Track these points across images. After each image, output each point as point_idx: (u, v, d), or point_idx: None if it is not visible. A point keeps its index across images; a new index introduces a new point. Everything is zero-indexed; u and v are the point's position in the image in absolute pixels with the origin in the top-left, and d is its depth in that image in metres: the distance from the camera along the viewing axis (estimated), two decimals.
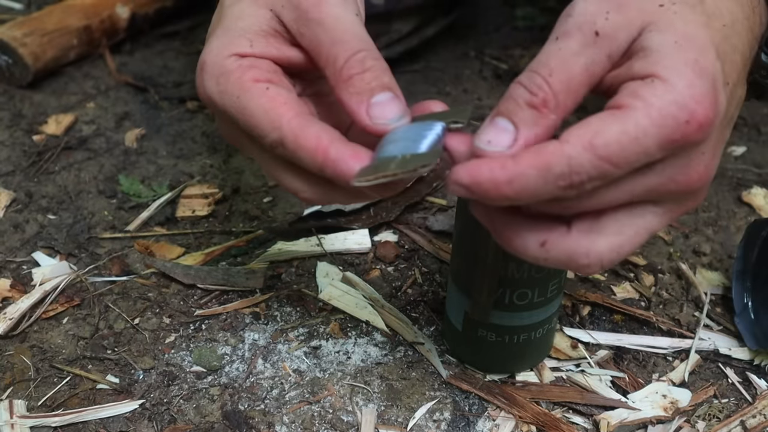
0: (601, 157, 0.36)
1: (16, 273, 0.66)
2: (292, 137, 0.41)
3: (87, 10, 0.92)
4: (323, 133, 0.41)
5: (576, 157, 0.36)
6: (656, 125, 0.36)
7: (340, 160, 0.40)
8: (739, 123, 0.87)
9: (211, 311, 0.63)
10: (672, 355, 0.61)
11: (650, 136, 0.36)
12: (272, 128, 0.41)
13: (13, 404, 0.55)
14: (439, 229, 0.71)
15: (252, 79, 0.42)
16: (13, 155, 0.78)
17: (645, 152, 0.37)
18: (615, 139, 0.36)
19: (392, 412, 0.56)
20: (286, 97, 0.42)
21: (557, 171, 0.36)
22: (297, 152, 0.41)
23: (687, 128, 0.36)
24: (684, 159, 0.38)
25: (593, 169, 0.36)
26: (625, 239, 0.40)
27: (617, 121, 0.36)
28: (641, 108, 0.36)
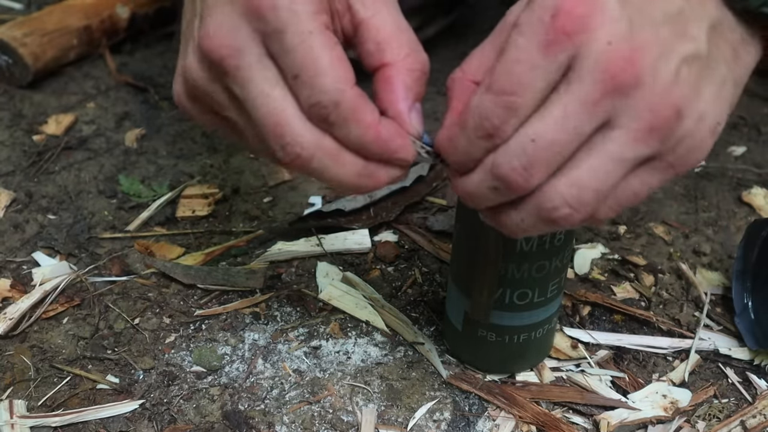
0: (497, 91, 0.37)
1: (16, 273, 0.66)
2: (351, 106, 0.40)
3: (87, 10, 0.92)
4: (375, 111, 0.41)
5: (479, 104, 0.38)
6: (529, 38, 0.36)
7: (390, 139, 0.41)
8: (740, 123, 0.87)
9: (211, 311, 0.63)
10: (672, 355, 0.61)
11: (529, 50, 0.36)
12: (335, 88, 0.40)
13: (13, 404, 0.55)
14: (439, 229, 0.71)
15: (325, 24, 0.41)
16: (13, 155, 0.78)
17: (533, 67, 0.36)
18: (502, 70, 0.37)
19: (392, 412, 0.56)
20: (349, 64, 0.41)
21: (472, 124, 0.38)
22: (349, 121, 0.40)
23: (556, 22, 0.36)
24: (588, 57, 0.36)
25: (496, 106, 0.37)
26: (582, 171, 0.38)
27: (502, 56, 0.37)
28: (515, 31, 0.37)
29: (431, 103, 0.87)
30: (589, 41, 0.36)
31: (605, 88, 0.36)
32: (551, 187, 0.39)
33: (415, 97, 0.42)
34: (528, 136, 0.37)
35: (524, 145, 0.37)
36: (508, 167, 0.38)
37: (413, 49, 0.42)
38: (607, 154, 0.38)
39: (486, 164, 0.39)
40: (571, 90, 0.37)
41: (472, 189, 0.41)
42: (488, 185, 0.40)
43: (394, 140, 0.41)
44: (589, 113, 0.37)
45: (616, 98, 0.37)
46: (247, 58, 0.41)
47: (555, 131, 0.37)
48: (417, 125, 0.42)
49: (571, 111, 0.37)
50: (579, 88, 0.36)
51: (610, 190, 0.39)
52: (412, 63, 0.42)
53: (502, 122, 0.37)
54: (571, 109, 0.37)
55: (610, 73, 0.36)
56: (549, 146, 0.37)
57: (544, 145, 0.37)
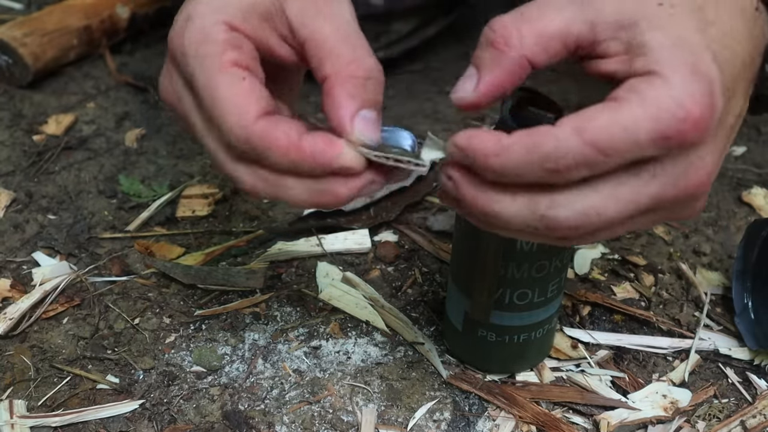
0: (588, 141, 0.36)
1: (16, 273, 0.66)
2: (261, 136, 0.40)
3: (87, 10, 0.92)
4: (291, 130, 0.41)
5: (564, 139, 0.37)
6: (649, 118, 0.36)
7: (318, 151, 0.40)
8: None
9: (211, 311, 0.63)
10: (672, 355, 0.61)
11: (642, 129, 0.36)
12: (238, 125, 0.40)
13: (13, 404, 0.55)
14: (439, 229, 0.71)
15: (232, 61, 0.41)
16: (13, 155, 0.78)
17: (635, 143, 0.36)
18: (605, 126, 0.36)
19: (392, 412, 0.56)
20: (259, 93, 0.41)
21: (544, 151, 0.37)
22: (265, 151, 0.40)
23: (682, 126, 0.36)
24: (684, 163, 0.38)
25: (580, 154, 0.37)
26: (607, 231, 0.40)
27: (610, 111, 0.37)
28: (636, 100, 0.36)
29: (431, 103, 0.87)
30: (691, 150, 0.38)
31: (678, 195, 0.39)
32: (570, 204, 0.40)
33: (360, 104, 0.41)
34: (596, 208, 0.38)
35: (588, 213, 0.38)
36: (564, 223, 0.38)
37: (357, 57, 0.42)
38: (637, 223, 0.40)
39: (538, 206, 0.39)
40: (654, 183, 0.38)
41: (506, 216, 0.39)
42: (528, 223, 0.39)
43: (323, 152, 0.40)
44: (651, 206, 0.39)
45: (677, 204, 0.40)
46: (185, 104, 0.43)
47: (618, 213, 0.38)
48: (363, 131, 0.41)
49: (641, 202, 0.38)
50: (659, 185, 0.38)
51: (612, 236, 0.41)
52: (354, 70, 0.41)
53: (576, 170, 0.37)
54: (642, 201, 0.38)
55: (690, 185, 0.39)
56: (606, 222, 0.39)
57: (604, 220, 0.38)
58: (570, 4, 0.39)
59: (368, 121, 0.42)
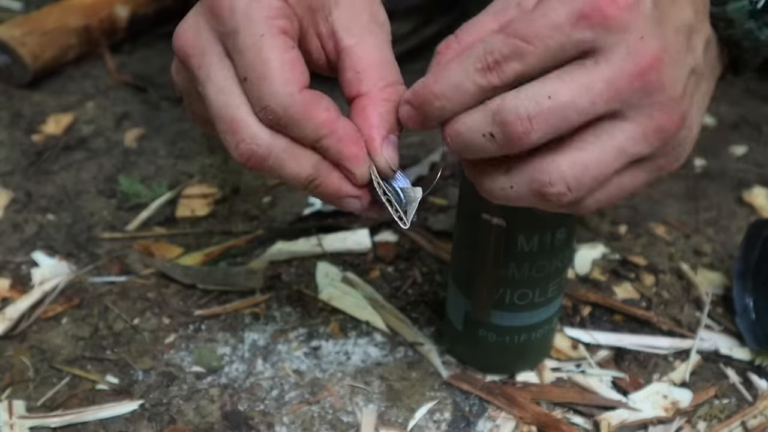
0: (510, 33, 0.37)
1: (15, 273, 0.66)
2: (301, 108, 0.40)
3: (86, 9, 0.91)
4: (331, 109, 0.41)
5: (488, 40, 0.37)
6: (564, 2, 0.36)
7: (346, 137, 0.41)
8: (740, 123, 0.86)
9: (211, 311, 0.63)
10: (673, 356, 0.61)
11: (558, 12, 0.36)
12: (282, 92, 0.40)
13: (12, 405, 0.55)
14: (439, 229, 0.71)
15: (282, 28, 0.41)
16: (13, 155, 0.78)
17: (556, 26, 0.37)
18: (524, 19, 0.37)
19: (392, 413, 0.56)
20: (304, 66, 0.41)
21: (473, 56, 0.38)
22: (300, 122, 0.40)
23: (597, 2, 0.36)
24: (622, 46, 0.37)
25: (504, 45, 0.37)
26: (588, 154, 0.38)
27: (529, 11, 0.38)
28: None
29: None
30: (623, 30, 0.37)
31: (631, 79, 0.37)
32: (553, 161, 0.39)
33: (389, 128, 0.42)
34: (545, 93, 0.37)
35: (538, 98, 0.37)
36: (514, 113, 0.38)
37: (393, 81, 0.43)
38: (614, 143, 0.38)
39: (488, 107, 0.38)
40: (600, 69, 0.37)
41: (465, 131, 0.39)
42: (485, 130, 0.39)
43: (349, 142, 0.41)
44: (610, 95, 0.37)
45: (637, 92, 0.38)
46: (207, 57, 0.42)
47: (574, 96, 0.37)
48: (388, 155, 0.42)
49: (595, 87, 0.37)
50: (608, 69, 0.37)
51: (606, 179, 0.39)
52: (389, 94, 0.42)
53: (505, 60, 0.37)
54: (596, 85, 0.37)
55: (640, 67, 0.37)
56: (563, 108, 0.37)
57: (559, 105, 0.37)
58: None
59: (393, 145, 0.43)
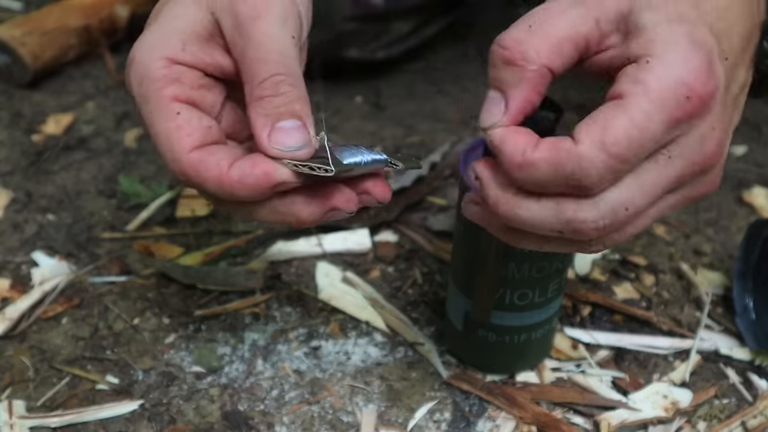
0: (613, 156, 0.36)
1: (15, 273, 0.66)
2: (191, 170, 0.40)
3: (86, 9, 0.91)
4: (224, 160, 0.40)
5: (588, 157, 0.36)
6: (659, 108, 0.36)
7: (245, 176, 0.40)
8: (740, 123, 0.86)
9: (211, 311, 0.63)
10: (673, 356, 0.61)
11: (655, 121, 0.36)
12: (172, 159, 0.41)
13: (12, 405, 0.55)
14: (439, 229, 0.71)
15: (170, 96, 0.42)
16: (13, 155, 0.78)
17: (653, 138, 0.37)
18: (624, 133, 0.36)
19: (392, 413, 0.56)
20: (196, 125, 0.41)
21: (568, 170, 0.37)
22: (200, 184, 0.41)
23: (688, 104, 0.36)
24: (696, 137, 0.38)
25: (605, 169, 0.37)
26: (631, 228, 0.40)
27: (622, 112, 0.36)
28: (641, 93, 0.36)
29: (431, 103, 0.87)
30: (700, 123, 0.38)
31: (695, 170, 0.39)
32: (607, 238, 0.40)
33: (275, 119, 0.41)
34: (622, 203, 0.38)
35: (617, 211, 0.38)
36: (592, 225, 0.38)
37: (270, 74, 0.41)
38: (657, 214, 0.40)
39: (563, 211, 0.38)
40: (672, 165, 0.38)
41: (529, 223, 0.39)
42: (554, 228, 0.39)
43: (250, 175, 0.40)
44: (674, 186, 0.39)
45: (697, 176, 0.39)
46: None
47: (647, 202, 0.38)
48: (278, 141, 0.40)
49: (665, 185, 0.38)
50: (677, 165, 0.38)
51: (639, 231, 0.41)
52: (262, 90, 0.41)
53: (601, 185, 0.37)
54: (665, 183, 0.38)
55: (705, 157, 0.39)
56: (637, 213, 0.39)
57: (634, 212, 0.38)
58: (573, 6, 0.38)
59: (285, 130, 0.41)
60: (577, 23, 0.38)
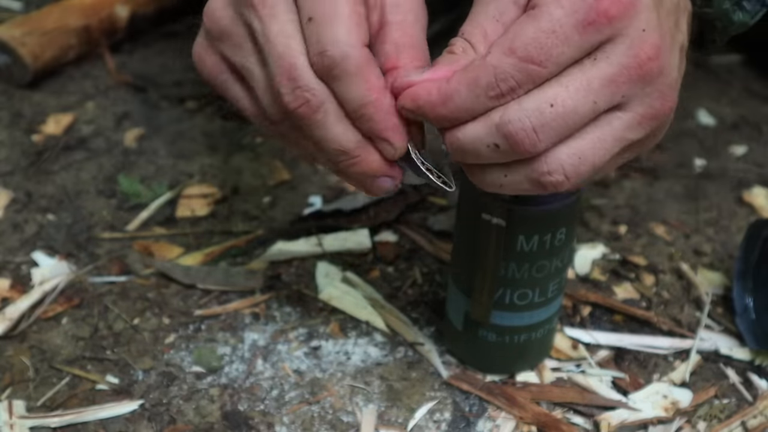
0: (522, 58, 0.37)
1: (15, 273, 0.66)
2: (359, 63, 0.39)
3: (86, 9, 0.91)
4: (381, 77, 0.41)
5: (498, 65, 0.37)
6: (569, 13, 0.37)
7: (389, 111, 0.40)
8: (740, 123, 0.86)
9: (211, 311, 0.63)
10: (673, 356, 0.61)
11: (566, 25, 0.37)
12: (346, 41, 0.39)
13: (12, 405, 0.55)
14: (439, 229, 0.71)
15: None
16: (12, 155, 0.78)
17: (566, 42, 0.37)
18: (532, 38, 0.37)
19: (392, 413, 0.56)
20: (368, 27, 0.41)
21: (484, 82, 0.37)
22: (353, 78, 0.40)
23: (600, 4, 0.36)
24: (624, 42, 0.38)
25: (517, 72, 0.37)
26: (586, 143, 0.39)
27: (532, 21, 0.37)
28: (552, 2, 0.37)
29: None
30: (626, 27, 0.37)
31: (631, 73, 0.38)
32: (552, 153, 0.39)
33: None
34: (547, 100, 0.38)
35: (541, 108, 0.38)
36: (519, 126, 0.38)
37: (426, 64, 0.42)
38: (613, 132, 0.39)
39: (491, 119, 0.38)
40: (599, 66, 0.38)
41: (467, 143, 0.40)
42: (489, 141, 0.39)
43: (391, 115, 0.40)
44: (611, 92, 0.38)
45: (637, 84, 0.38)
46: (265, 7, 0.41)
47: (575, 100, 0.38)
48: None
49: (595, 86, 0.38)
50: (607, 66, 0.38)
51: (602, 166, 0.40)
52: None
53: (520, 86, 0.38)
54: (595, 85, 0.38)
55: (640, 60, 0.38)
56: (565, 113, 0.38)
57: (561, 112, 0.38)
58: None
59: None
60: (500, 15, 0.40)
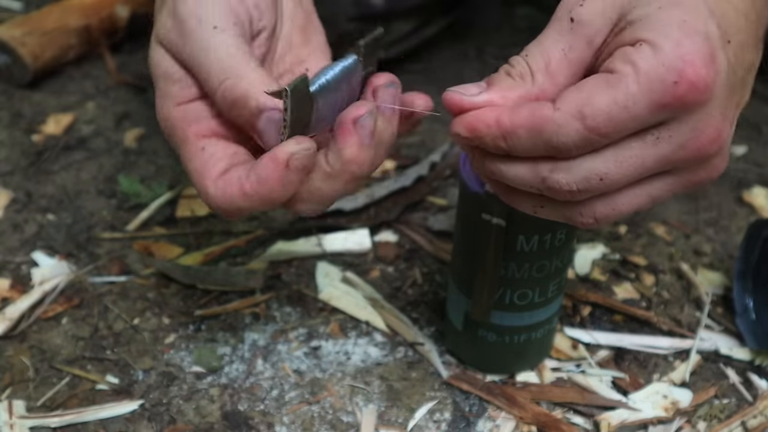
0: (590, 128, 0.37)
1: (15, 273, 0.66)
2: (216, 198, 0.42)
3: (86, 9, 0.91)
4: (243, 171, 0.42)
5: (564, 125, 0.37)
6: (645, 91, 0.36)
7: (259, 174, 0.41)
8: (740, 122, 0.86)
9: (211, 311, 0.63)
10: (673, 356, 0.61)
11: (639, 103, 0.36)
12: (201, 193, 0.43)
13: (12, 405, 0.55)
14: (439, 229, 0.71)
15: (194, 133, 0.44)
16: (13, 155, 0.78)
17: (635, 119, 0.37)
18: (605, 110, 0.37)
19: (392, 413, 0.56)
20: (218, 158, 0.43)
21: (545, 137, 0.38)
22: (233, 204, 0.42)
23: (677, 89, 0.36)
24: (690, 123, 0.38)
25: (580, 139, 0.37)
26: (622, 198, 0.40)
27: (608, 89, 0.37)
28: (630, 74, 0.37)
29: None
30: (696, 110, 0.37)
31: (688, 154, 0.38)
32: (588, 203, 0.40)
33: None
34: (598, 173, 0.38)
35: (590, 178, 0.38)
36: (566, 187, 0.39)
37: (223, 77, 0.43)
38: (651, 192, 0.40)
39: (539, 170, 0.39)
40: (658, 147, 0.38)
41: (508, 177, 0.40)
42: (531, 185, 0.40)
43: (262, 169, 0.41)
44: (662, 166, 0.39)
45: (691, 162, 0.39)
46: None
47: (626, 176, 0.39)
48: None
49: (649, 164, 0.38)
50: (667, 146, 0.38)
51: (632, 213, 0.41)
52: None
53: (577, 152, 0.38)
54: (650, 163, 0.38)
55: (700, 143, 0.38)
56: (611, 185, 0.39)
57: (608, 184, 0.39)
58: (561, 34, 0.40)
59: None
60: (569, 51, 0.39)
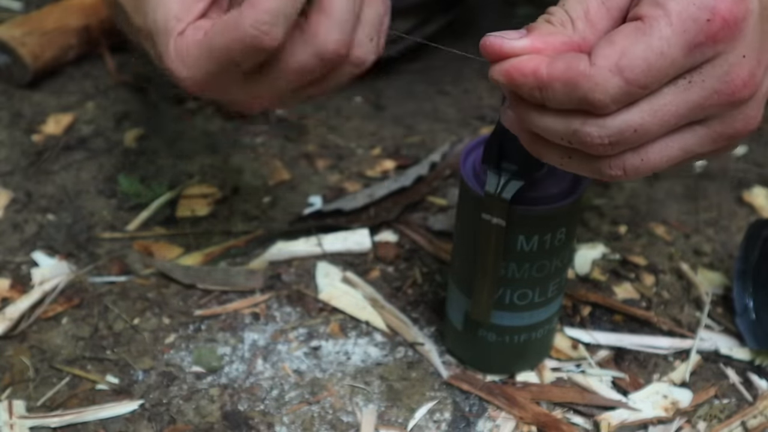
0: (630, 80, 0.36)
1: (15, 273, 0.66)
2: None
3: (86, 9, 0.91)
4: None
5: (602, 83, 0.36)
6: (678, 32, 0.36)
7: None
8: None
9: (211, 311, 0.63)
10: (673, 356, 0.61)
11: (675, 46, 0.36)
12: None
13: (12, 405, 0.55)
14: (439, 229, 0.71)
15: None
16: (12, 155, 0.78)
17: (672, 64, 0.36)
18: (642, 59, 0.36)
19: (392, 413, 0.56)
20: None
21: (582, 92, 0.36)
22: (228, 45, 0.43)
23: (710, 27, 0.35)
24: (723, 66, 0.37)
25: (620, 94, 0.36)
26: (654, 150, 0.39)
27: (642, 36, 0.36)
28: (662, 17, 0.36)
29: (431, 102, 0.87)
30: (729, 50, 0.36)
31: (722, 98, 0.37)
32: (619, 155, 0.39)
33: None
34: (631, 125, 0.37)
35: (623, 130, 0.37)
36: (596, 139, 0.38)
37: None
38: (684, 144, 0.39)
39: (572, 123, 0.38)
40: (692, 91, 0.37)
41: (539, 127, 0.39)
42: (562, 136, 0.39)
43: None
44: (695, 114, 0.38)
45: (725, 107, 0.38)
46: None
47: (659, 126, 0.37)
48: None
49: (682, 111, 0.37)
50: (700, 91, 0.37)
51: (663, 168, 0.40)
52: None
53: (615, 107, 0.37)
54: (683, 110, 0.37)
55: (734, 86, 0.37)
56: (644, 135, 0.38)
57: (642, 134, 0.37)
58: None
59: None
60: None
